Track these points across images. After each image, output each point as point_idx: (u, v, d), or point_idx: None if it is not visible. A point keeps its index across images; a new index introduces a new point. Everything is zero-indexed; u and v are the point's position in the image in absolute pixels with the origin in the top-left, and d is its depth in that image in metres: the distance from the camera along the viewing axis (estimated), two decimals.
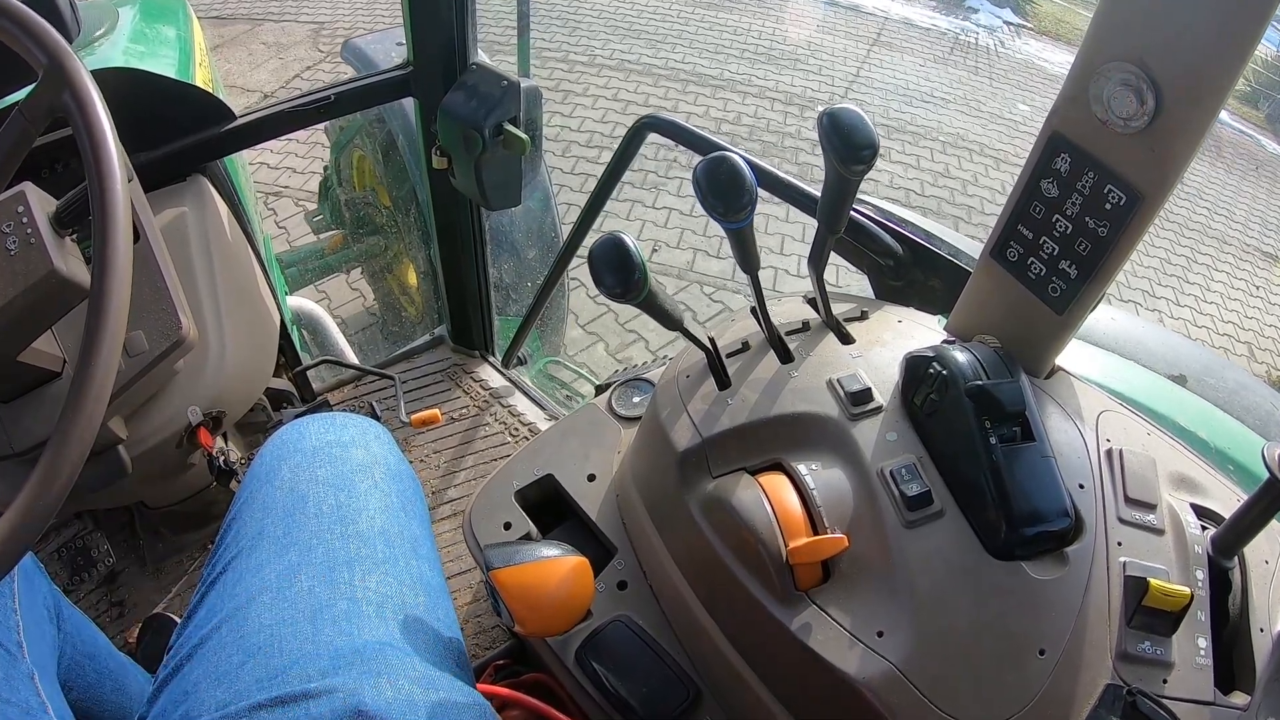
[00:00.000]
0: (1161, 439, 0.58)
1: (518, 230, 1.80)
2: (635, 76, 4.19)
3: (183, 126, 0.89)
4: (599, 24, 4.72)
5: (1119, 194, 0.50)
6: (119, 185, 0.51)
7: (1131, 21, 0.46)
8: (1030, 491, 0.48)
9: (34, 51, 0.55)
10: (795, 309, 0.65)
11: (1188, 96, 0.45)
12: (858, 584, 0.49)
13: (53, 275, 0.58)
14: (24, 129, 0.56)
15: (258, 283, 0.96)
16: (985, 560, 0.48)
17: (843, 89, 4.44)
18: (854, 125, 0.50)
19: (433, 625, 0.56)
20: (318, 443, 0.63)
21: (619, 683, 0.56)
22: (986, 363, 0.53)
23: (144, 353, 0.69)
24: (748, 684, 0.53)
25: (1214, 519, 0.54)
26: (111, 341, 0.48)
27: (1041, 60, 5.44)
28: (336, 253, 2.18)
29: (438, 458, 1.24)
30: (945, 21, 5.70)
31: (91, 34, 1.15)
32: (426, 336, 1.45)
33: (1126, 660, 0.46)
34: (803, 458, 0.53)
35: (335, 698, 0.45)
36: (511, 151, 0.96)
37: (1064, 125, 0.52)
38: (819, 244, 0.59)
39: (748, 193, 0.50)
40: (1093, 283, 0.53)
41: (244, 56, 3.96)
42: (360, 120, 1.89)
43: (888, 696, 0.45)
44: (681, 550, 0.57)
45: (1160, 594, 0.46)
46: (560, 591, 0.51)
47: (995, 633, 0.46)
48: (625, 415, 0.75)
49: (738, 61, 4.51)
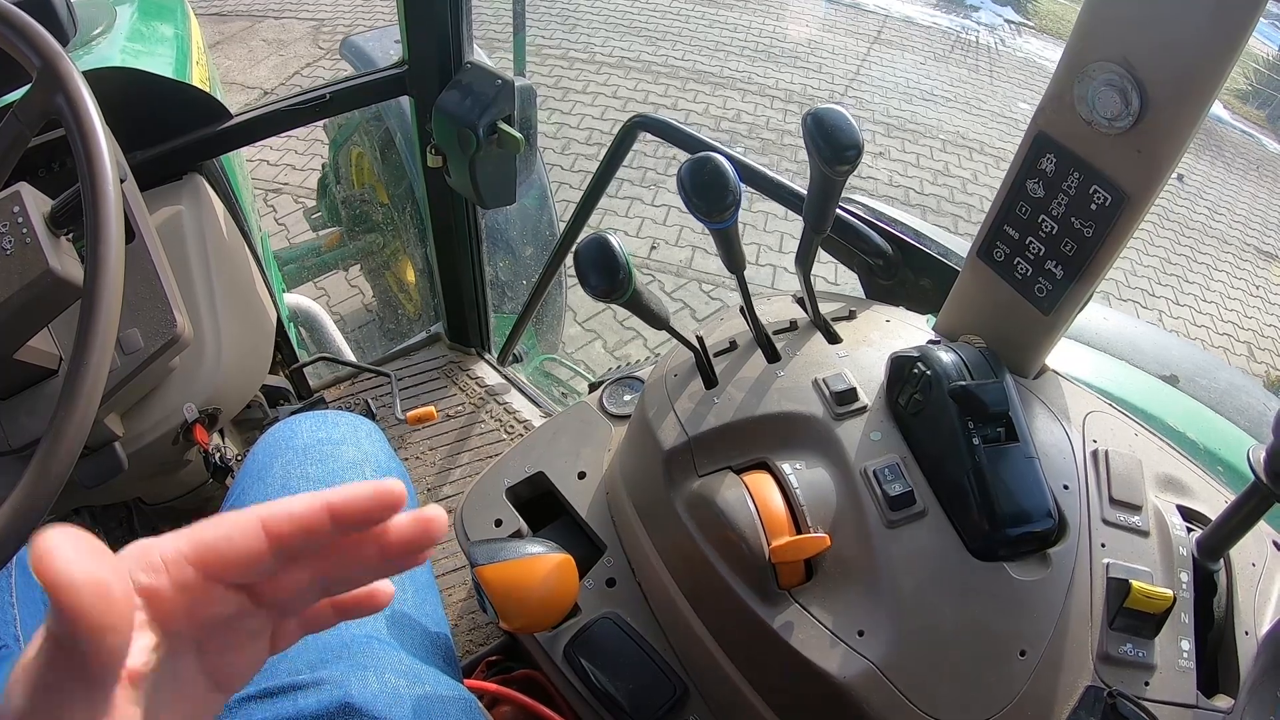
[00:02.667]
0: (1149, 440, 0.58)
1: (514, 228, 1.80)
2: (635, 74, 4.19)
3: (179, 125, 0.90)
4: (598, 21, 4.71)
5: (1105, 194, 0.50)
6: (110, 186, 0.52)
7: (1116, 22, 0.46)
8: (1013, 492, 0.49)
9: (27, 54, 0.55)
10: (783, 308, 0.65)
11: (1173, 97, 0.45)
12: (840, 583, 0.49)
13: (48, 275, 0.58)
14: (18, 131, 0.57)
15: (254, 280, 0.97)
16: (967, 561, 0.48)
17: (843, 86, 4.43)
18: (838, 126, 0.50)
19: (420, 620, 0.56)
20: (309, 440, 0.63)
21: (607, 679, 0.56)
22: (971, 363, 0.53)
23: (139, 350, 0.70)
24: (733, 682, 0.53)
25: (1201, 521, 0.54)
26: (104, 339, 0.49)
27: (1042, 59, 5.42)
28: (334, 250, 2.19)
29: (433, 455, 1.24)
30: (946, 19, 5.68)
31: (89, 33, 1.15)
32: (423, 334, 1.46)
33: (1108, 662, 0.46)
34: (787, 457, 0.54)
35: (322, 690, 0.45)
36: (506, 150, 0.96)
37: (1049, 125, 0.52)
38: (805, 244, 0.60)
39: (731, 193, 0.51)
40: (1079, 283, 0.53)
41: (244, 53, 3.96)
42: (358, 118, 1.89)
43: (868, 696, 0.45)
44: (668, 548, 0.57)
45: (1142, 596, 0.46)
46: (544, 588, 0.52)
47: (976, 633, 0.46)
48: (616, 413, 0.76)
49: (738, 59, 4.50)
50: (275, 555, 0.26)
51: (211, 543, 0.26)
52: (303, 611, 0.31)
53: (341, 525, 0.27)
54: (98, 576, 0.21)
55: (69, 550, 0.21)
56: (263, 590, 0.28)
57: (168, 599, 0.25)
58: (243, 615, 0.28)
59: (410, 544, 0.28)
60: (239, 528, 0.26)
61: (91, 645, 0.21)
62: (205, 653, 0.28)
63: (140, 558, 0.26)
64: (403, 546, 0.28)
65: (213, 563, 0.26)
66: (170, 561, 0.26)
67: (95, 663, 0.22)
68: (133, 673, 0.24)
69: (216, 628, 0.27)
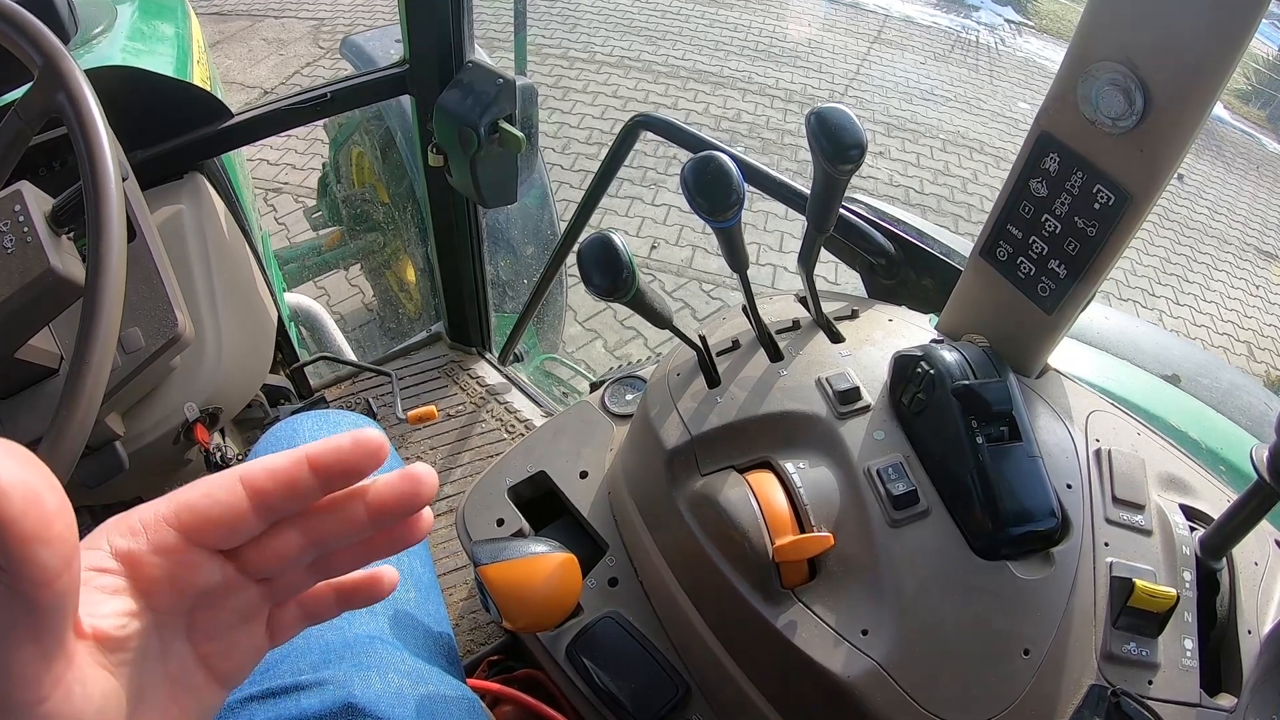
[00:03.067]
0: (1152, 439, 0.58)
1: (515, 227, 1.80)
2: (635, 73, 4.19)
3: (180, 124, 0.90)
4: (599, 20, 4.71)
5: (1108, 194, 0.50)
6: (112, 185, 0.52)
7: (1120, 21, 0.46)
8: (1016, 491, 0.49)
9: (29, 52, 0.55)
10: (786, 307, 0.65)
11: (1177, 97, 0.45)
12: (843, 582, 0.49)
13: (49, 274, 0.58)
14: (19, 129, 0.57)
15: (255, 279, 0.97)
16: (971, 560, 0.48)
17: (843, 86, 4.43)
18: (841, 125, 0.50)
19: (423, 620, 0.56)
20: (310, 439, 0.63)
21: (609, 679, 0.56)
22: (974, 362, 0.53)
23: (140, 349, 0.70)
24: (735, 681, 0.53)
25: (1203, 520, 0.54)
26: (105, 338, 0.49)
27: (1042, 58, 5.42)
28: (335, 249, 2.19)
29: (434, 454, 1.24)
30: (946, 19, 5.68)
31: (90, 31, 1.15)
32: (423, 333, 1.45)
33: (1112, 661, 0.46)
34: (790, 456, 0.54)
35: (325, 690, 0.45)
36: (507, 149, 0.96)
37: (1052, 125, 0.52)
38: (808, 243, 0.60)
39: (735, 192, 0.51)
40: (1082, 282, 0.53)
41: (244, 53, 3.95)
42: (359, 117, 1.89)
43: (871, 695, 0.45)
44: (671, 547, 0.57)
45: (1146, 595, 0.46)
46: (547, 588, 0.52)
47: (980, 632, 0.46)
48: (618, 413, 0.76)
49: (738, 58, 4.50)
50: (258, 513, 0.25)
51: (189, 501, 0.25)
52: (301, 596, 0.30)
53: (323, 476, 0.26)
54: (27, 481, 0.19)
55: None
56: (249, 558, 0.27)
57: (147, 563, 0.24)
58: (232, 588, 0.27)
59: (398, 501, 0.27)
60: (218, 485, 0.25)
61: (20, 560, 0.19)
62: (197, 635, 0.27)
63: (118, 523, 0.25)
64: (391, 503, 0.27)
65: (192, 523, 0.25)
66: (149, 525, 0.25)
67: (30, 586, 0.19)
68: (103, 634, 0.23)
69: (205, 603, 0.26)
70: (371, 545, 0.29)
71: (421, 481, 0.27)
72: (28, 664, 0.21)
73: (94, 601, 0.24)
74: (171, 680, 0.26)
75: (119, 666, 0.24)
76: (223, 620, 0.27)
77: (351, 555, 0.29)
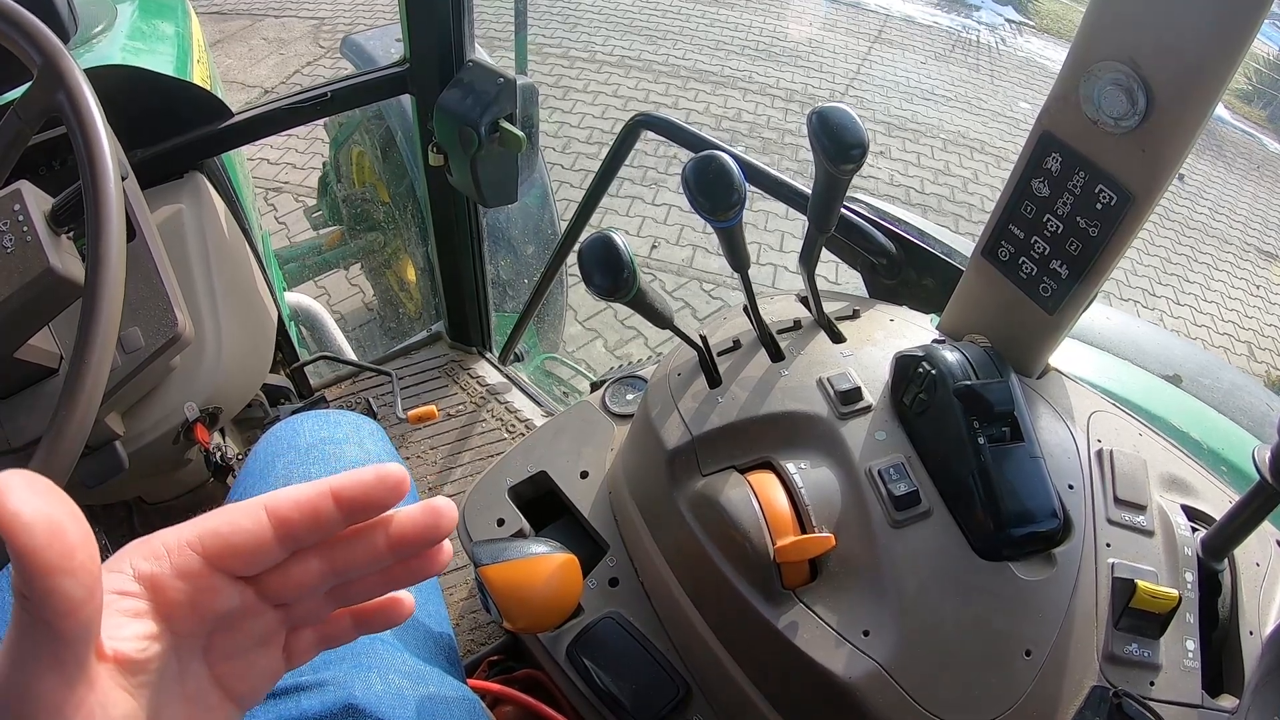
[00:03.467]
0: (1153, 439, 0.58)
1: (515, 227, 1.80)
2: (635, 73, 4.18)
3: (180, 124, 0.89)
4: (599, 20, 4.71)
5: (1110, 194, 0.50)
6: (112, 184, 0.52)
7: (1122, 21, 0.46)
8: (1018, 492, 0.48)
9: (29, 51, 0.55)
10: (787, 307, 0.65)
11: (1179, 96, 0.45)
12: (845, 583, 0.49)
13: (49, 273, 0.58)
14: (19, 128, 0.57)
15: (255, 279, 0.97)
16: (972, 561, 0.48)
17: (843, 86, 4.43)
18: (843, 124, 0.50)
19: (423, 620, 0.56)
20: (311, 440, 0.63)
21: (610, 679, 0.56)
22: (976, 362, 0.53)
23: (140, 349, 0.70)
24: (736, 682, 0.53)
25: (1205, 520, 0.53)
26: (105, 337, 0.49)
27: (1043, 58, 5.42)
28: (335, 249, 2.19)
29: (434, 454, 1.24)
30: (947, 19, 5.68)
31: (90, 31, 1.15)
32: (424, 333, 1.45)
33: (1113, 662, 0.46)
34: (792, 456, 0.54)
35: (326, 691, 0.45)
36: (508, 149, 0.96)
37: (1054, 124, 0.52)
38: (809, 243, 0.59)
39: (736, 191, 0.50)
40: (1084, 283, 0.53)
41: (244, 52, 3.95)
42: (359, 117, 1.89)
43: (873, 696, 0.45)
44: (671, 548, 0.57)
45: (1147, 596, 0.46)
46: (548, 588, 0.51)
47: (981, 633, 0.46)
48: (618, 413, 0.76)
49: (739, 58, 4.50)
50: (281, 542, 0.26)
51: (215, 528, 0.25)
52: (319, 622, 0.30)
53: (346, 509, 0.26)
54: (50, 515, 0.19)
55: (22, 489, 0.19)
56: (270, 585, 0.27)
57: (170, 587, 0.25)
58: (250, 613, 0.27)
59: (419, 533, 0.27)
60: (243, 513, 0.26)
61: (44, 592, 0.19)
62: (214, 656, 0.27)
63: (142, 546, 0.25)
64: (411, 535, 0.27)
65: (216, 549, 0.25)
66: (172, 549, 0.25)
67: (54, 615, 0.20)
68: (124, 656, 0.24)
69: (223, 626, 0.27)
70: (390, 575, 0.29)
71: (442, 515, 0.28)
72: (52, 690, 0.21)
73: (116, 624, 0.24)
74: (188, 700, 0.26)
75: (139, 688, 0.24)
76: (240, 643, 0.28)
77: (370, 584, 0.30)
